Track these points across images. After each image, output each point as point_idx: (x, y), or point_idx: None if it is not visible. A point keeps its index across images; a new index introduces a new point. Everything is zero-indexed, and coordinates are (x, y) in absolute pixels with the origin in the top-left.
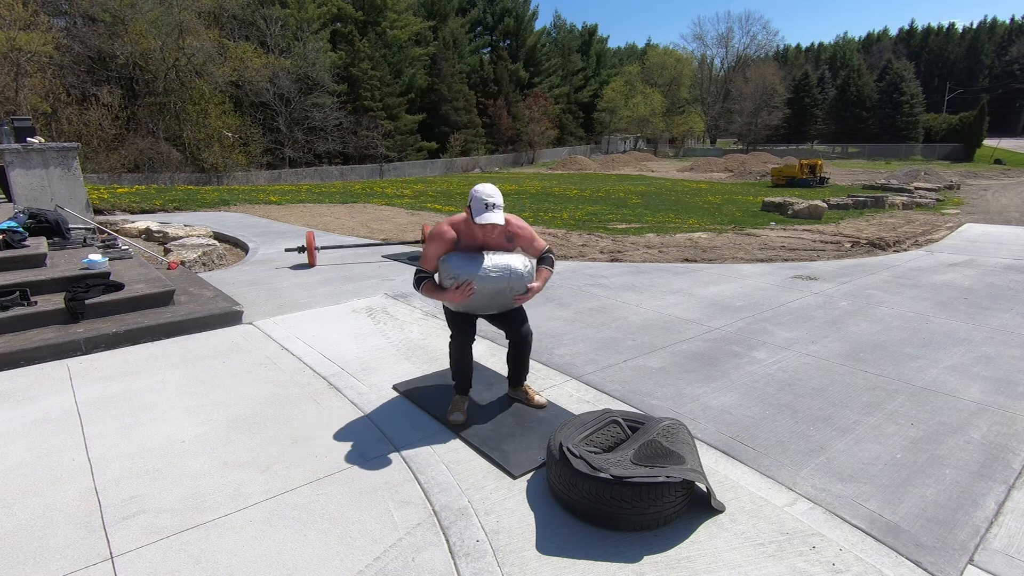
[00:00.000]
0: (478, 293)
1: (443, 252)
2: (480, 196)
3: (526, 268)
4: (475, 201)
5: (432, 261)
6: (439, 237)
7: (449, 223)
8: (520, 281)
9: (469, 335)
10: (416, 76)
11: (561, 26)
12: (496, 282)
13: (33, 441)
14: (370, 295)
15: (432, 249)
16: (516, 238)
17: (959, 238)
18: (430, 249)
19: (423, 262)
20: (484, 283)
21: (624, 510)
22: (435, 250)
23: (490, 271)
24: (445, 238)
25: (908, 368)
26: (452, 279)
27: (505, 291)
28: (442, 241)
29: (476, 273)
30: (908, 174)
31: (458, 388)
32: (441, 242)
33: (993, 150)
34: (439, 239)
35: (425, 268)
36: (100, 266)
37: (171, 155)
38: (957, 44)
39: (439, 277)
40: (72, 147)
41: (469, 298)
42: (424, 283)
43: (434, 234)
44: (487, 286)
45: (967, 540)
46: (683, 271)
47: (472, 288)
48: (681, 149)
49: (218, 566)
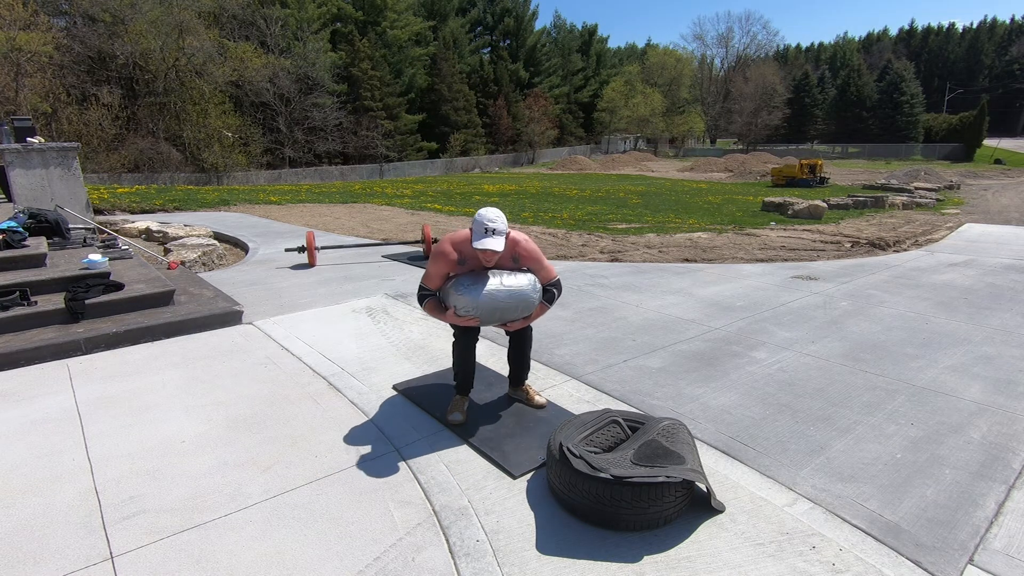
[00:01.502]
0: (483, 313)
1: (446, 272)
2: (481, 220)
3: (534, 290)
4: (476, 225)
5: (435, 280)
6: (442, 257)
7: (451, 242)
8: (527, 303)
9: (472, 336)
10: (416, 76)
11: (561, 26)
12: (503, 302)
13: (33, 441)
14: (370, 295)
15: (435, 268)
16: (521, 259)
17: (959, 238)
18: (433, 268)
19: (426, 280)
20: (491, 303)
21: (624, 510)
22: (438, 270)
23: (495, 294)
24: (448, 259)
25: (908, 368)
26: (457, 307)
27: (511, 311)
28: (445, 261)
29: (480, 294)
30: (908, 174)
31: (459, 388)
32: (444, 262)
33: (993, 150)
34: (442, 259)
35: (428, 286)
36: (100, 266)
37: (171, 155)
38: (957, 44)
39: (443, 297)
40: (72, 147)
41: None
42: (427, 301)
43: (436, 253)
44: (493, 306)
45: (967, 540)
46: (683, 271)
47: (475, 321)
48: (681, 149)
49: (218, 566)
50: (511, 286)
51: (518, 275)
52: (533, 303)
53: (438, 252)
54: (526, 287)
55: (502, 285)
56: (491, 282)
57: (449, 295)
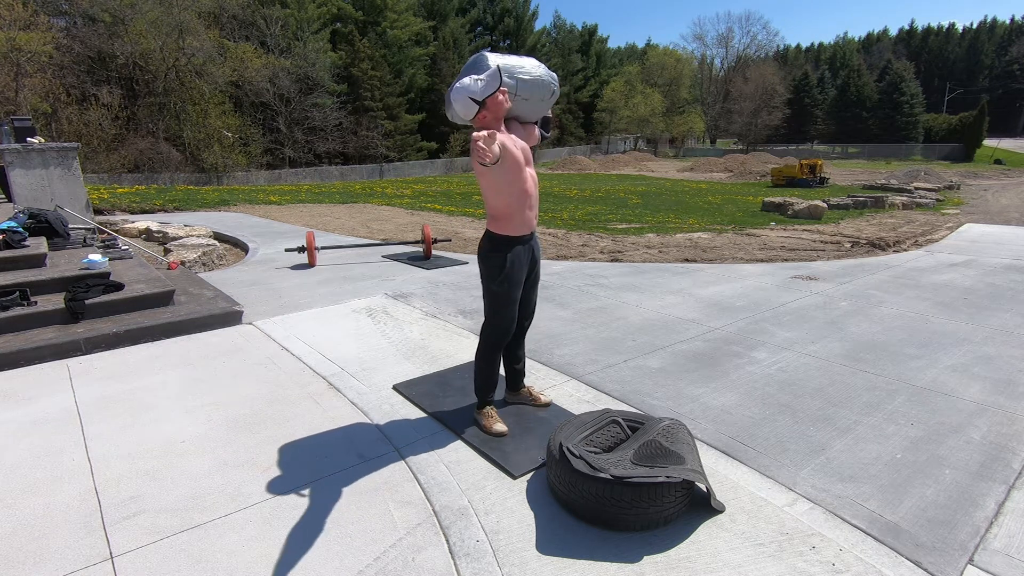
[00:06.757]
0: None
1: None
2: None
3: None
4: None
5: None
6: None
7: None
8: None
9: (514, 323)
10: (416, 76)
11: (561, 26)
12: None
13: (33, 441)
14: (370, 295)
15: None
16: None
17: (959, 238)
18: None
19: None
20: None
21: (624, 510)
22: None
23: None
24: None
25: (908, 368)
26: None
27: (540, 86)
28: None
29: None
30: (908, 174)
31: (487, 399)
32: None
33: (993, 150)
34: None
35: None
36: (100, 266)
37: (171, 155)
38: (957, 44)
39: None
40: (72, 147)
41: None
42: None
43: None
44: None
45: (967, 540)
46: (683, 271)
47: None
48: (681, 149)
49: (218, 566)
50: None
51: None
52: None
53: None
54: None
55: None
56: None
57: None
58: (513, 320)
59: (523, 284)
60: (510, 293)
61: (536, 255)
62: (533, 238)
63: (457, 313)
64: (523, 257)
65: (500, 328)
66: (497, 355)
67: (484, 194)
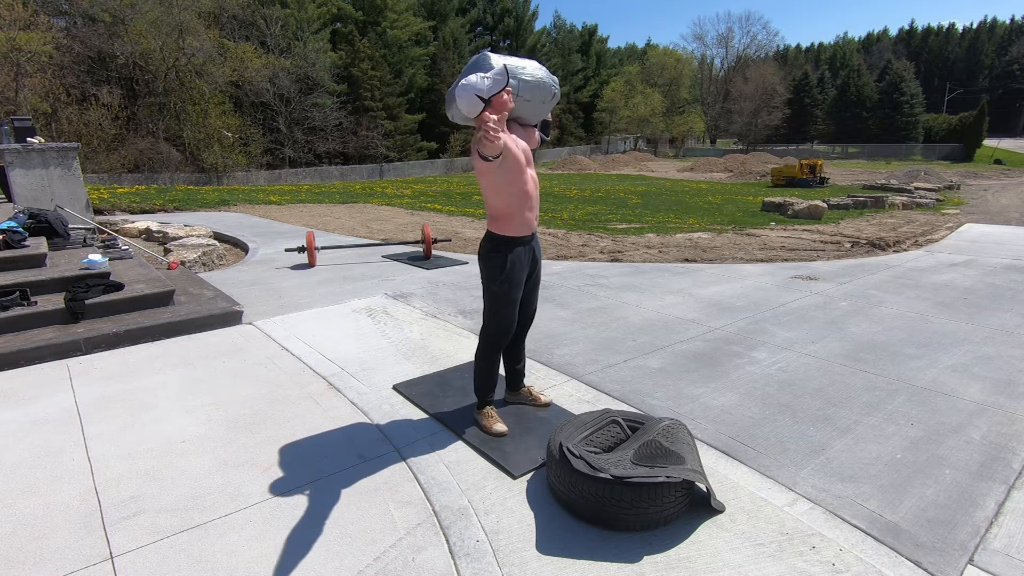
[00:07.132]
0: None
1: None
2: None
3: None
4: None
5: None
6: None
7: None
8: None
9: (515, 323)
10: (416, 76)
11: (561, 26)
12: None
13: (33, 441)
14: (370, 295)
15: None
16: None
17: (959, 238)
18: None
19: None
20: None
21: (624, 510)
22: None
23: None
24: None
25: (908, 368)
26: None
27: (541, 87)
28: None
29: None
30: (908, 174)
31: (487, 400)
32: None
33: (993, 150)
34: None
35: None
36: (100, 266)
37: (171, 155)
38: (957, 44)
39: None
40: (72, 147)
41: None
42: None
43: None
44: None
45: (967, 540)
46: (683, 271)
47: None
48: (681, 149)
49: (218, 566)
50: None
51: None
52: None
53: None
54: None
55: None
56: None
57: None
58: (513, 321)
59: (524, 285)
60: (510, 294)
61: (537, 256)
62: (534, 239)
63: (457, 313)
64: (524, 258)
65: (500, 329)
66: (497, 355)
67: (484, 194)
